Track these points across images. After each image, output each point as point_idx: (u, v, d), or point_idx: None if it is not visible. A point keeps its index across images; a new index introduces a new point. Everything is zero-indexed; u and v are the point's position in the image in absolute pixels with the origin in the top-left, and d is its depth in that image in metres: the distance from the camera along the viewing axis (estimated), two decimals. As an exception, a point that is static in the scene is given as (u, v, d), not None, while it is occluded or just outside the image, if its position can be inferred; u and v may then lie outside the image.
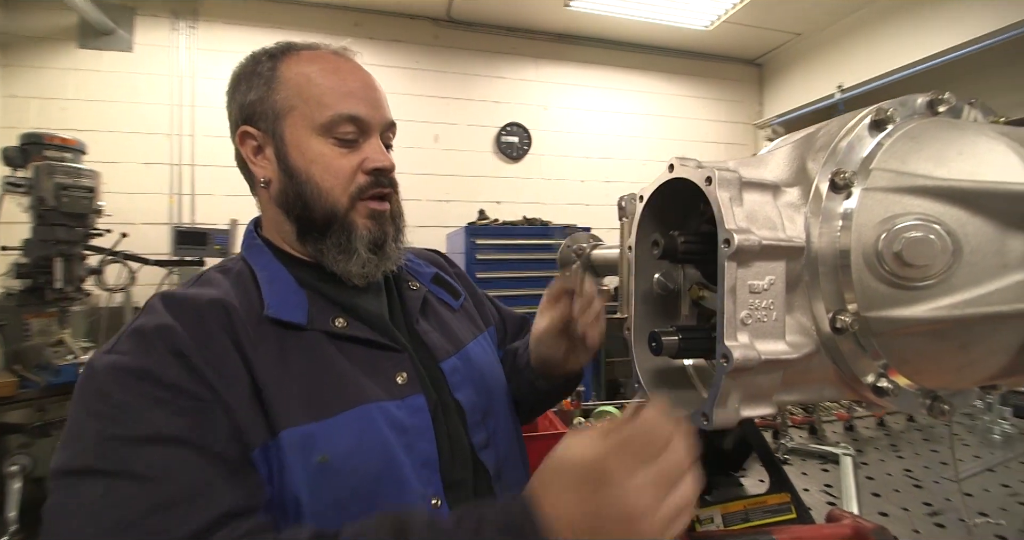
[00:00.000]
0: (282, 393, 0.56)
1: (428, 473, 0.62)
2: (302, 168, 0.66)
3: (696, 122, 4.76)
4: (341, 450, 0.56)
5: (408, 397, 0.64)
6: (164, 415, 0.50)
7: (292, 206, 0.67)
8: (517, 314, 1.02)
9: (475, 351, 0.79)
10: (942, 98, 0.54)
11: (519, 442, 0.82)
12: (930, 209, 0.46)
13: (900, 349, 0.48)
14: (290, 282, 0.66)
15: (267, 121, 0.67)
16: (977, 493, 0.88)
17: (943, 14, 3.31)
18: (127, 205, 3.35)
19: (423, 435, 0.63)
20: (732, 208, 0.45)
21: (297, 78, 0.67)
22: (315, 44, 0.71)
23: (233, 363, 0.56)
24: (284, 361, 0.59)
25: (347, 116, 0.66)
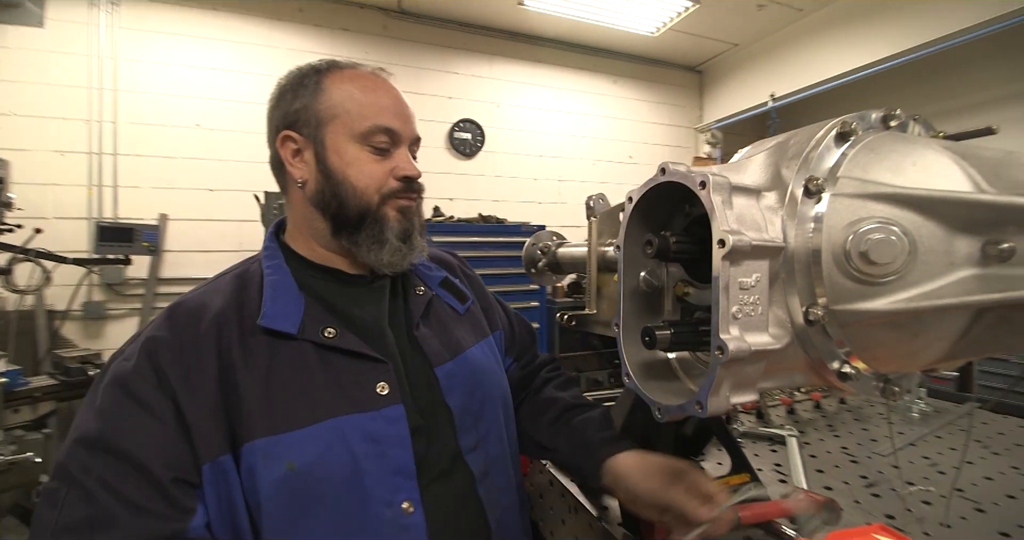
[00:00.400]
0: (261, 404, 0.62)
1: (401, 480, 0.66)
2: (339, 169, 0.73)
3: (642, 124, 4.94)
4: (307, 459, 0.61)
5: (386, 408, 0.68)
6: (123, 423, 0.58)
7: (328, 204, 0.74)
8: (528, 324, 1.04)
9: (475, 356, 0.82)
10: (894, 114, 0.60)
11: (511, 445, 0.84)
12: (890, 213, 0.51)
13: (862, 338, 0.54)
14: (292, 289, 0.71)
15: (309, 127, 0.74)
16: (903, 465, 0.99)
17: (866, 30, 3.64)
18: (39, 197, 3.03)
19: (398, 444, 0.67)
20: (724, 211, 0.48)
21: (340, 92, 0.74)
22: (355, 63, 0.79)
23: (209, 381, 0.62)
24: (270, 373, 0.64)
25: (383, 127, 0.74)
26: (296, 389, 0.64)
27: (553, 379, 0.97)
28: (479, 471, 0.73)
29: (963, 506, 0.85)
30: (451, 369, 0.77)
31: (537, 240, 1.38)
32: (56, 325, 2.94)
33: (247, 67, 3.56)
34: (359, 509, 0.63)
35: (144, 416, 0.59)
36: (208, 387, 0.61)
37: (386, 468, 0.65)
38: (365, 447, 0.64)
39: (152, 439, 0.58)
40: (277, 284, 0.71)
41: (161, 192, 3.35)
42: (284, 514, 0.60)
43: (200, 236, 3.42)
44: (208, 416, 0.60)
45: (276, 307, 0.68)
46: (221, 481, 0.60)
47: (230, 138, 3.49)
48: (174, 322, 0.66)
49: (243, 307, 0.69)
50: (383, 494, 0.64)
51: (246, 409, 0.61)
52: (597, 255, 1.05)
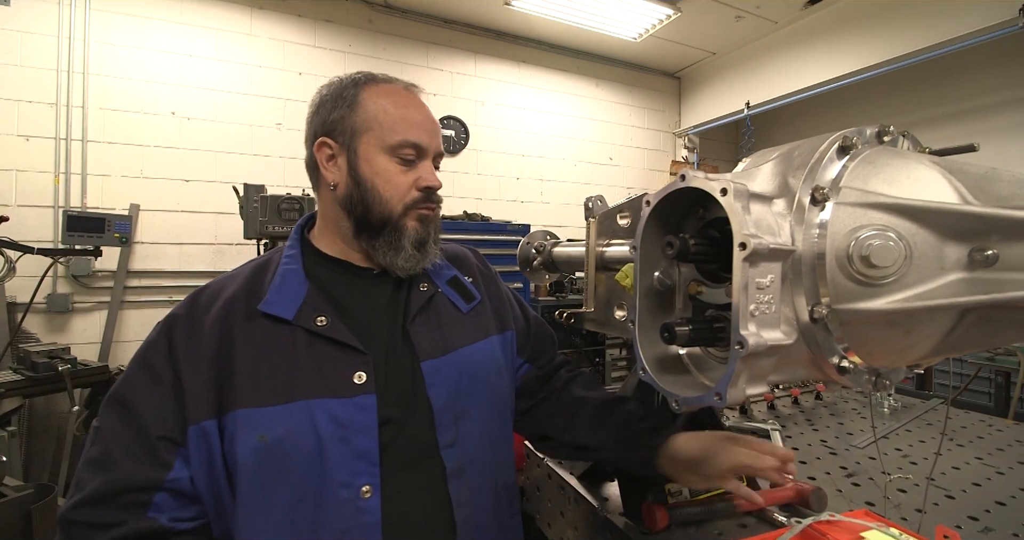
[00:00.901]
0: (249, 379, 0.69)
1: (364, 465, 0.70)
2: (368, 178, 0.79)
3: (622, 127, 5.03)
4: (277, 433, 0.67)
5: (358, 396, 0.72)
6: (135, 382, 0.70)
7: (354, 207, 0.80)
8: (547, 327, 1.06)
9: (468, 355, 0.83)
10: (887, 130, 0.65)
11: (498, 448, 0.84)
12: (887, 221, 0.56)
13: (860, 335, 0.59)
14: (299, 278, 0.78)
15: (345, 136, 0.80)
16: (877, 456, 1.06)
17: (839, 43, 3.80)
18: (1, 184, 2.89)
19: (363, 431, 0.70)
20: (744, 216, 0.52)
21: (375, 106, 0.80)
22: (390, 77, 0.85)
23: (208, 355, 0.70)
24: (262, 352, 0.71)
25: (411, 142, 0.80)
26: (282, 369, 0.71)
27: (575, 379, 0.99)
28: (452, 467, 0.75)
29: (935, 493, 0.92)
30: (438, 365, 0.79)
31: (531, 239, 1.41)
32: (17, 318, 2.80)
33: (226, 55, 3.47)
34: (318, 486, 0.68)
35: (150, 380, 0.70)
36: (206, 360, 0.70)
37: (349, 452, 0.69)
38: (331, 430, 0.69)
39: (152, 400, 0.69)
40: (287, 273, 0.78)
41: (132, 181, 3.23)
42: (254, 480, 0.67)
43: (174, 228, 3.31)
44: (201, 385, 0.69)
45: (279, 295, 0.75)
46: (204, 443, 0.67)
47: (207, 127, 3.39)
48: (194, 303, 0.76)
49: (254, 292, 0.76)
50: (343, 476, 0.68)
51: (236, 382, 0.69)
52: (595, 255, 1.09)
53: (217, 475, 0.68)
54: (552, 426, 0.93)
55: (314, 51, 3.75)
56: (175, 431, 0.68)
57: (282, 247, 0.85)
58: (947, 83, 3.90)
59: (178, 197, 3.33)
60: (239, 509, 0.67)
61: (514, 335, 0.95)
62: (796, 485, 0.89)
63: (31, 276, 2.72)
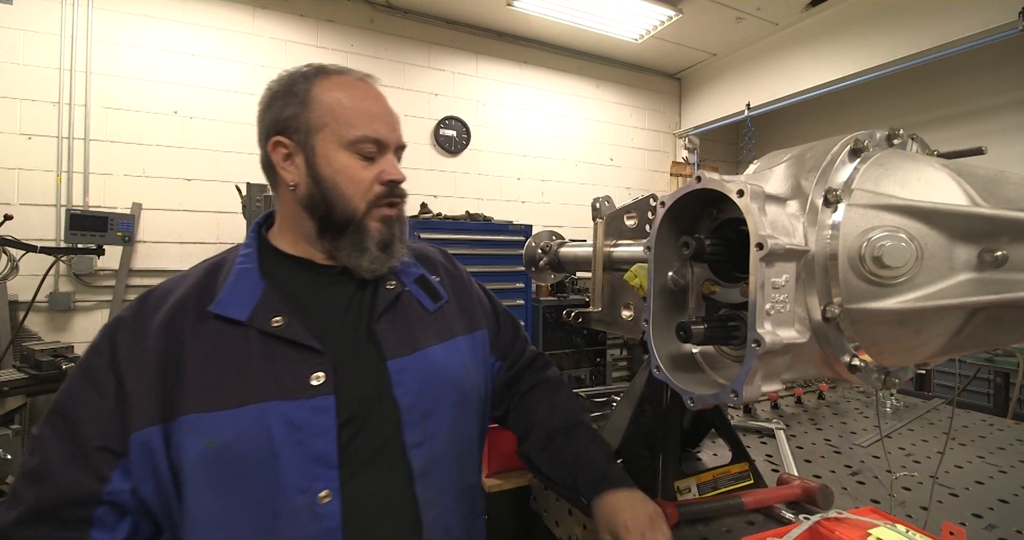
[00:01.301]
0: (198, 382, 0.66)
1: (321, 469, 0.67)
2: (329, 176, 0.76)
3: (623, 128, 5.05)
4: (226, 438, 0.64)
5: (315, 398, 0.69)
6: (75, 391, 0.67)
7: (316, 207, 0.77)
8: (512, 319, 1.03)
9: (435, 354, 0.81)
10: (897, 133, 0.66)
11: (464, 449, 0.82)
12: (898, 223, 0.57)
13: (871, 334, 0.60)
14: (254, 278, 0.75)
15: (300, 134, 0.77)
16: (882, 454, 1.07)
17: (839, 45, 3.83)
18: (4, 182, 2.89)
19: (321, 434, 0.68)
20: (761, 217, 0.53)
21: (330, 100, 0.77)
22: (343, 69, 0.81)
23: (153, 359, 0.67)
24: (213, 355, 0.68)
25: (371, 138, 0.77)
26: (233, 372, 0.68)
27: (539, 386, 0.97)
28: (419, 468, 0.73)
29: (939, 491, 0.94)
30: (405, 363, 0.77)
31: (537, 240, 1.42)
32: (19, 317, 2.80)
33: (229, 54, 3.47)
34: (271, 493, 0.65)
35: (89, 388, 0.67)
36: (150, 365, 0.67)
37: (304, 456, 0.66)
38: (285, 434, 0.66)
39: (90, 409, 0.66)
40: (241, 273, 0.75)
41: (135, 180, 3.23)
42: (202, 488, 0.64)
43: (176, 227, 3.32)
44: (144, 390, 0.66)
45: (232, 295, 0.72)
46: (147, 451, 0.64)
47: (210, 127, 3.40)
48: (141, 305, 0.73)
49: (205, 293, 0.73)
50: (298, 481, 0.66)
51: (184, 387, 0.66)
52: (602, 255, 1.10)
53: (164, 483, 0.65)
54: (517, 434, 0.95)
55: (316, 51, 3.75)
56: (115, 441, 0.65)
57: (238, 246, 0.82)
58: (948, 85, 3.92)
59: (180, 196, 3.33)
60: (186, 518, 0.65)
61: (486, 334, 0.92)
62: (803, 483, 0.90)
63: (33, 275, 2.72)
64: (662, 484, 0.87)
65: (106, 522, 0.64)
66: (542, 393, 0.96)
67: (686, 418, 1.04)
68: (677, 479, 0.90)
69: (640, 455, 0.91)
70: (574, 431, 0.89)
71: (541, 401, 0.94)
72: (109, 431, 0.65)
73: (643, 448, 0.91)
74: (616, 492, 0.78)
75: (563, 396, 0.96)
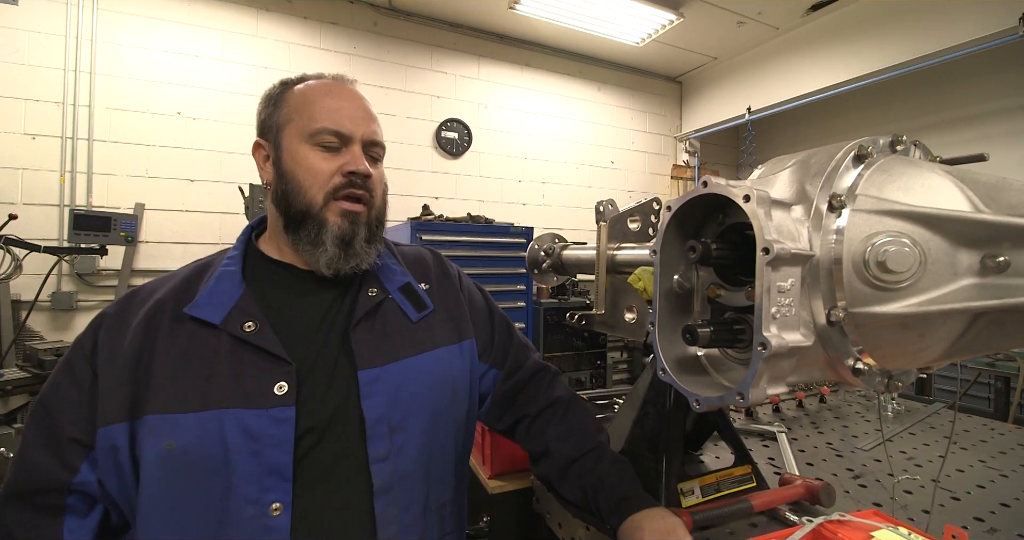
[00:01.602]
0: (165, 384, 0.67)
1: (275, 481, 0.66)
2: (289, 169, 0.77)
3: (624, 131, 5.06)
4: (183, 443, 0.64)
5: (276, 408, 0.67)
6: (56, 383, 0.70)
7: (280, 203, 0.78)
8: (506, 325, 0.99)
9: (413, 366, 0.78)
10: (900, 140, 0.67)
11: (437, 465, 0.79)
12: (902, 228, 0.58)
13: (875, 337, 0.61)
14: (235, 281, 0.75)
15: (272, 133, 0.80)
16: (884, 458, 1.07)
17: (840, 50, 3.85)
18: (7, 182, 2.90)
19: (278, 445, 0.66)
20: (767, 222, 0.54)
21: (297, 98, 0.79)
22: (323, 75, 0.84)
23: (127, 356, 0.68)
24: (183, 357, 0.69)
25: (331, 129, 0.77)
26: (200, 376, 0.67)
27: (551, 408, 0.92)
28: (380, 483, 0.71)
29: (940, 495, 0.94)
30: (376, 374, 0.74)
31: (540, 242, 1.42)
32: (22, 316, 2.81)
33: (232, 56, 3.48)
34: (222, 501, 0.64)
35: (68, 381, 0.69)
36: (123, 362, 0.68)
37: (259, 466, 0.65)
38: (240, 442, 0.65)
39: (67, 401, 0.68)
40: (223, 275, 0.75)
41: (138, 181, 3.24)
42: (157, 491, 0.65)
43: (178, 227, 3.33)
44: (114, 386, 0.67)
45: (210, 297, 0.72)
46: (111, 447, 0.65)
47: (213, 128, 3.41)
48: (126, 303, 0.74)
49: (185, 294, 0.74)
50: (250, 491, 0.65)
51: (152, 387, 0.67)
52: (606, 258, 1.11)
53: (126, 479, 0.66)
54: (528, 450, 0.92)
55: (319, 53, 3.77)
56: (85, 433, 0.66)
57: (225, 250, 0.82)
58: (949, 89, 3.94)
59: (183, 197, 3.34)
60: (139, 519, 0.65)
61: (474, 344, 0.90)
62: (805, 482, 0.90)
63: (36, 274, 2.73)
64: (666, 486, 0.87)
65: (78, 510, 0.66)
66: (554, 416, 0.91)
67: (689, 421, 1.05)
68: (680, 481, 0.90)
69: (644, 457, 0.92)
70: (592, 456, 0.85)
71: (555, 426, 0.89)
72: (81, 424, 0.67)
73: (647, 450, 0.91)
74: (638, 513, 0.76)
75: (577, 418, 0.91)
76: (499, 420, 0.94)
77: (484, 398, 0.94)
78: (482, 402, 0.94)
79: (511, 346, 0.97)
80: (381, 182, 0.84)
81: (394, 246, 0.97)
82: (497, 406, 0.93)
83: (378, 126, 0.83)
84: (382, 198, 0.84)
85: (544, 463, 0.88)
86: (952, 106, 3.94)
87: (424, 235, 3.07)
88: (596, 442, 0.87)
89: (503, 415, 0.93)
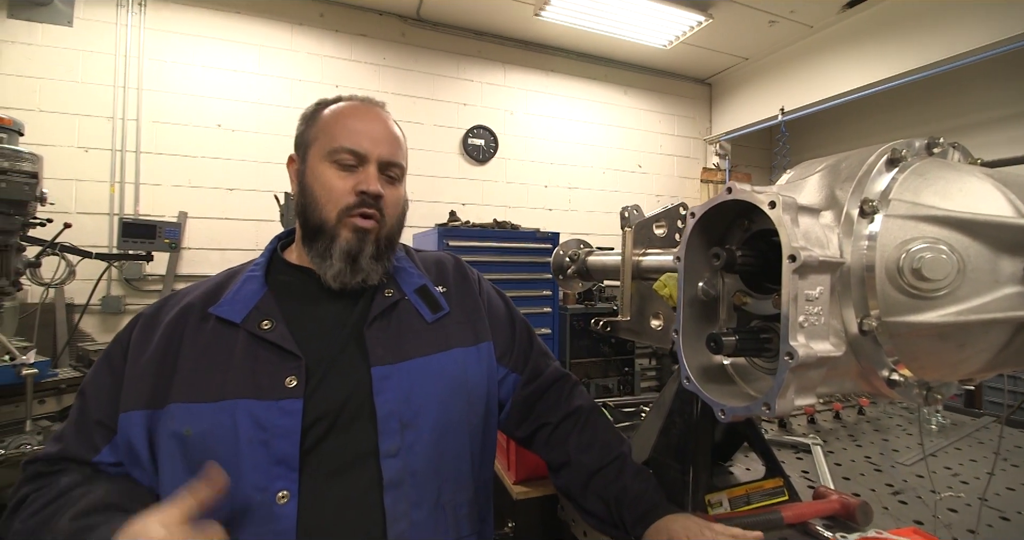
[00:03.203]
0: (188, 375, 0.73)
1: (282, 470, 0.69)
2: (309, 184, 0.83)
3: (651, 134, 5.01)
4: (199, 429, 0.69)
5: (285, 400, 0.71)
6: (95, 371, 0.77)
7: (300, 215, 0.84)
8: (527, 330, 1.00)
9: (426, 365, 0.80)
10: (938, 142, 0.65)
11: (449, 463, 0.79)
12: (939, 234, 0.56)
13: (911, 348, 0.58)
14: (258, 285, 0.81)
15: (302, 149, 0.86)
16: (926, 473, 1.02)
17: (877, 48, 3.71)
18: (63, 193, 3.08)
19: (286, 436, 0.70)
20: (793, 229, 0.53)
21: (325, 118, 0.85)
22: (354, 97, 0.90)
23: (154, 351, 0.75)
24: (206, 352, 0.75)
25: (347, 148, 0.81)
26: (220, 369, 0.73)
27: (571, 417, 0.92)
28: (390, 478, 0.72)
29: (988, 514, 0.89)
30: (388, 371, 0.77)
31: (565, 248, 1.42)
32: (75, 319, 2.97)
33: (268, 70, 3.62)
34: (233, 487, 0.66)
35: (105, 369, 0.76)
36: (151, 355, 0.74)
37: (267, 456, 0.69)
38: (251, 432, 0.69)
39: (100, 387, 0.75)
40: (248, 280, 0.82)
41: (181, 190, 3.40)
42: (176, 473, 0.69)
43: (218, 234, 3.47)
44: (138, 377, 0.73)
45: (233, 298, 0.79)
46: (129, 430, 0.71)
47: (250, 139, 3.55)
48: (161, 304, 0.82)
49: (213, 297, 0.80)
50: (258, 479, 0.68)
51: (176, 377, 0.73)
52: (631, 264, 1.10)
53: (143, 463, 0.72)
54: (547, 461, 0.92)
55: (350, 64, 3.88)
56: (109, 417, 0.73)
57: (255, 259, 0.89)
58: (990, 88, 3.75)
59: (223, 205, 3.48)
60: (161, 493, 0.70)
61: (491, 346, 0.90)
62: (841, 498, 0.87)
63: (88, 279, 2.88)
64: (692, 497, 0.86)
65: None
66: (575, 425, 0.91)
67: (718, 430, 1.03)
68: (708, 493, 0.89)
69: (670, 467, 0.90)
70: (614, 467, 0.85)
71: (575, 436, 0.89)
72: (107, 409, 0.73)
73: (673, 460, 0.90)
74: (663, 517, 0.76)
75: (599, 428, 0.91)
76: (518, 427, 0.94)
77: (503, 404, 0.94)
78: (501, 408, 0.94)
79: (531, 351, 0.97)
80: (397, 203, 0.87)
81: (415, 251, 1.00)
82: (516, 412, 0.93)
83: (399, 148, 0.87)
84: (397, 218, 0.87)
85: (565, 473, 0.88)
86: (994, 105, 3.73)
87: (451, 241, 3.11)
88: (618, 453, 0.86)
89: (522, 422, 0.93)
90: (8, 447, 1.78)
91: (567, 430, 0.90)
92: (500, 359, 0.92)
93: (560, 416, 0.91)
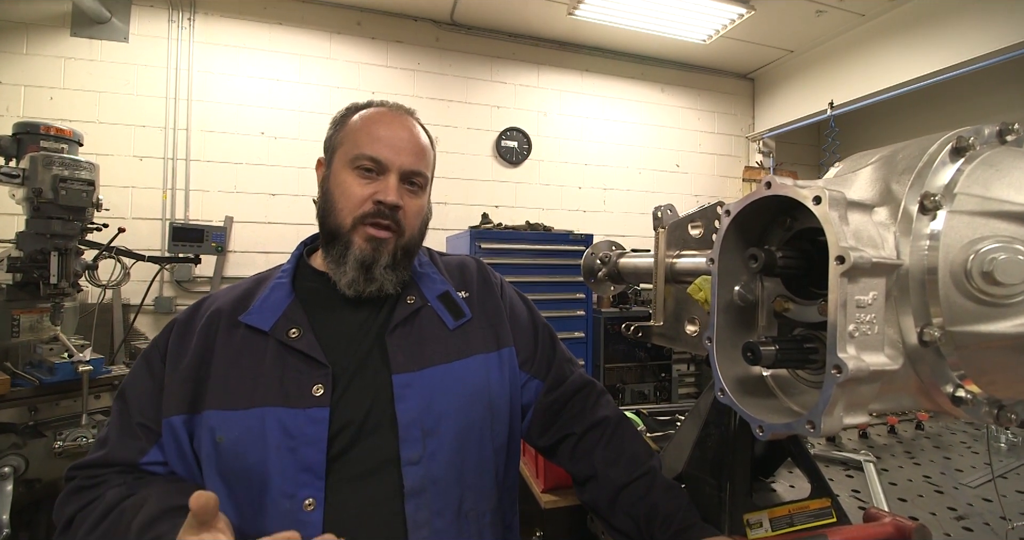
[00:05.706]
0: (221, 383, 0.74)
1: (309, 478, 0.70)
2: (330, 189, 0.83)
3: (690, 133, 4.86)
4: (231, 436, 0.71)
5: (312, 408, 0.72)
6: (134, 374, 0.78)
7: (320, 219, 0.85)
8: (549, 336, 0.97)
9: (449, 372, 0.80)
10: (1011, 128, 0.57)
11: (471, 472, 0.78)
12: (1014, 232, 0.49)
13: (980, 361, 0.52)
14: (284, 292, 0.82)
15: (329, 153, 0.87)
16: (995, 497, 0.93)
17: (934, 36, 3.46)
18: (119, 199, 3.27)
19: (312, 444, 0.71)
20: (842, 227, 0.48)
21: (353, 123, 0.85)
22: (385, 102, 0.90)
23: (190, 357, 0.76)
24: (237, 359, 0.76)
25: (368, 156, 0.81)
26: (250, 377, 0.74)
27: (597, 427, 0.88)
28: (412, 486, 0.72)
29: (1072, 546, 0.80)
30: (410, 379, 0.77)
31: (596, 250, 1.38)
32: (130, 318, 3.15)
33: (308, 78, 3.74)
34: (260, 493, 0.69)
35: (144, 373, 0.77)
36: (186, 362, 0.75)
37: (294, 463, 0.69)
38: (279, 439, 0.70)
39: (141, 391, 0.76)
40: (276, 287, 0.83)
41: (227, 196, 3.55)
42: (214, 476, 0.71)
43: (261, 238, 3.60)
44: (177, 383, 0.74)
45: (262, 306, 0.80)
46: (173, 436, 0.73)
47: (291, 145, 3.67)
48: (195, 309, 0.83)
49: (243, 303, 0.81)
50: (286, 486, 0.69)
51: (210, 384, 0.74)
52: (664, 267, 1.05)
53: (190, 464, 0.73)
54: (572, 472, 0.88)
55: (386, 71, 3.95)
56: (153, 421, 0.74)
57: (282, 264, 0.90)
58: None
59: (266, 210, 3.61)
60: None
61: (513, 352, 0.89)
62: (895, 521, 0.79)
63: (141, 281, 3.05)
64: (729, 517, 0.80)
65: None
66: (601, 437, 0.87)
67: (758, 444, 0.96)
68: (747, 512, 0.83)
69: (705, 482, 0.85)
70: (643, 483, 0.81)
71: (602, 449, 0.86)
72: (150, 413, 0.74)
73: (708, 476, 0.84)
74: None
75: (626, 441, 0.87)
76: (541, 436, 0.91)
77: (526, 410, 0.91)
78: (524, 414, 0.91)
79: (555, 358, 0.95)
80: (417, 214, 0.86)
81: (438, 255, 0.99)
82: (539, 420, 0.90)
83: (423, 157, 0.86)
84: (417, 228, 0.87)
85: (591, 488, 0.84)
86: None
87: (483, 243, 3.10)
88: (648, 467, 0.82)
89: (545, 431, 0.90)
90: (66, 439, 1.89)
91: (592, 442, 0.87)
92: (522, 365, 0.91)
93: (585, 427, 0.88)
